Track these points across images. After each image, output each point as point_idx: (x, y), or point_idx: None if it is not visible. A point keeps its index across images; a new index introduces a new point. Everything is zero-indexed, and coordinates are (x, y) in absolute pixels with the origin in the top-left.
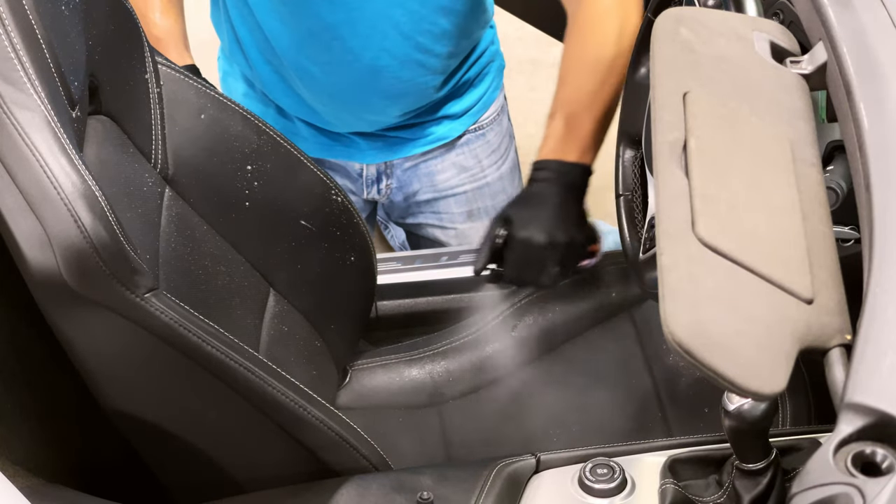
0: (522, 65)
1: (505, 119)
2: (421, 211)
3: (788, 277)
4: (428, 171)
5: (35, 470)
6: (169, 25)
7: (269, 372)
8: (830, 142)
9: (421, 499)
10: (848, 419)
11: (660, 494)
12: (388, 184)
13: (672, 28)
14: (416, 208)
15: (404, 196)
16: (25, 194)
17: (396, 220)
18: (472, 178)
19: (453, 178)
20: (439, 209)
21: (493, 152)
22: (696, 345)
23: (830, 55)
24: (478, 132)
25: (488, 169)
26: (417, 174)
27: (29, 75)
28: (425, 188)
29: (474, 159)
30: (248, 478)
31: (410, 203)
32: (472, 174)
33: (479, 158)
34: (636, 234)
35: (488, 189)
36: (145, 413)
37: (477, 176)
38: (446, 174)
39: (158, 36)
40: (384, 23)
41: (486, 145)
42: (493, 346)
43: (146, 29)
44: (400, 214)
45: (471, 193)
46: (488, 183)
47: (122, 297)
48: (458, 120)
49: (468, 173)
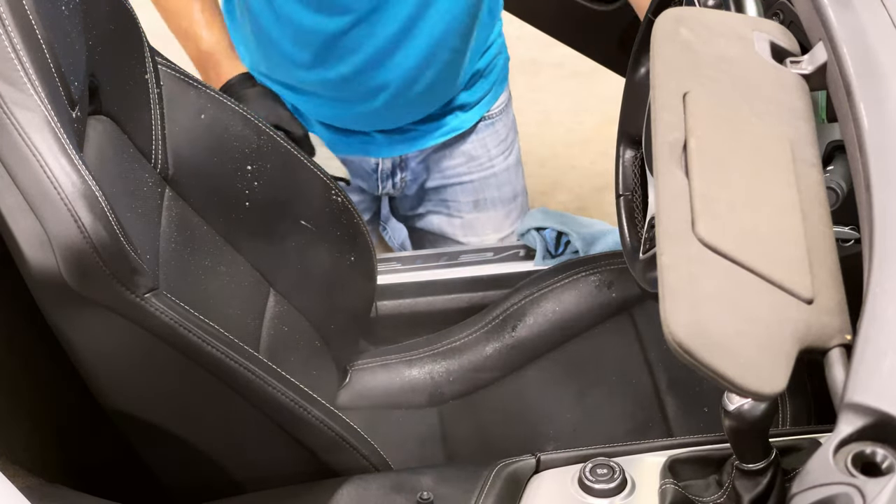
0: (522, 65)
1: (511, 111)
2: (429, 199)
3: (788, 277)
4: (438, 159)
5: (35, 470)
6: (216, 38)
7: (269, 372)
8: (830, 142)
9: (421, 499)
10: (848, 419)
11: (660, 494)
12: (403, 177)
13: (672, 28)
14: (424, 197)
15: (416, 188)
16: (25, 194)
17: (404, 214)
18: (479, 167)
19: (462, 167)
20: (447, 197)
21: (502, 142)
22: (696, 345)
23: (830, 55)
24: (487, 121)
25: (496, 159)
26: (428, 164)
27: (29, 75)
28: (434, 176)
29: (483, 148)
30: (248, 478)
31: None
32: (480, 163)
33: (489, 148)
34: (636, 234)
35: (495, 179)
36: (145, 413)
37: (485, 165)
38: (455, 161)
39: (209, 51)
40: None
41: (495, 135)
42: (493, 346)
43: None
44: (410, 206)
45: (478, 183)
46: (495, 173)
47: (122, 297)
48: (471, 111)
49: (476, 162)
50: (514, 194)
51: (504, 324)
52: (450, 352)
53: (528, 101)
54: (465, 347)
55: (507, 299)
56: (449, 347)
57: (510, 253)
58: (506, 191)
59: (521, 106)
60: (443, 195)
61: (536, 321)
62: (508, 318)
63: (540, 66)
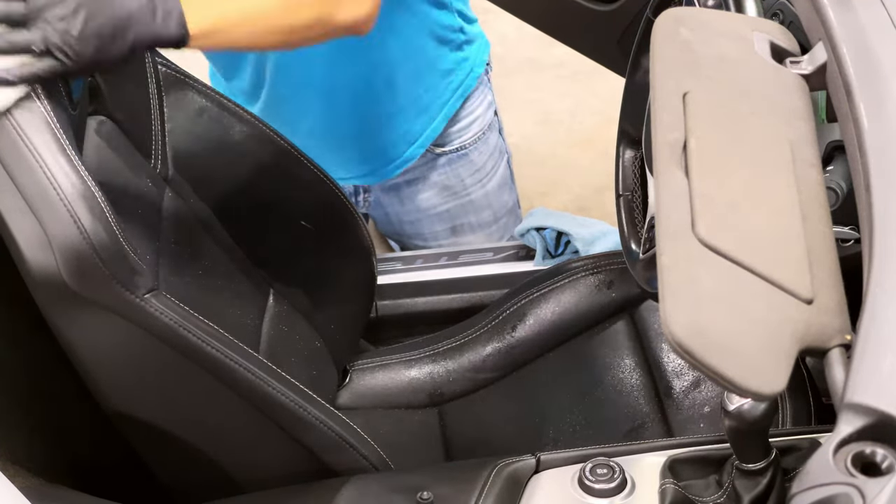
0: (522, 65)
1: (493, 137)
2: (404, 230)
3: (788, 277)
4: (410, 194)
5: (35, 470)
6: None
7: (269, 372)
8: (830, 142)
9: (421, 499)
10: (848, 419)
11: (660, 494)
12: (366, 197)
13: (672, 28)
14: (399, 227)
15: (385, 213)
16: (25, 195)
17: (381, 231)
18: (454, 196)
19: (435, 198)
20: (422, 228)
21: (477, 171)
22: (695, 345)
23: (830, 55)
24: (460, 152)
25: (472, 188)
26: (400, 196)
27: None
28: (408, 210)
29: (456, 178)
30: (248, 478)
31: (393, 222)
32: (454, 192)
33: (462, 178)
34: (636, 234)
35: (472, 206)
36: (145, 413)
37: (460, 194)
38: (427, 193)
39: None
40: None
41: (470, 165)
42: (493, 345)
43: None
44: (382, 227)
45: (454, 210)
46: (472, 200)
47: (122, 297)
48: (415, 143)
49: (450, 191)
50: (494, 218)
51: (504, 324)
52: (450, 352)
53: (528, 101)
54: (465, 347)
55: (506, 299)
56: (449, 347)
57: (510, 253)
58: (484, 215)
59: (521, 106)
60: (418, 227)
61: (536, 321)
62: (508, 318)
63: (540, 66)
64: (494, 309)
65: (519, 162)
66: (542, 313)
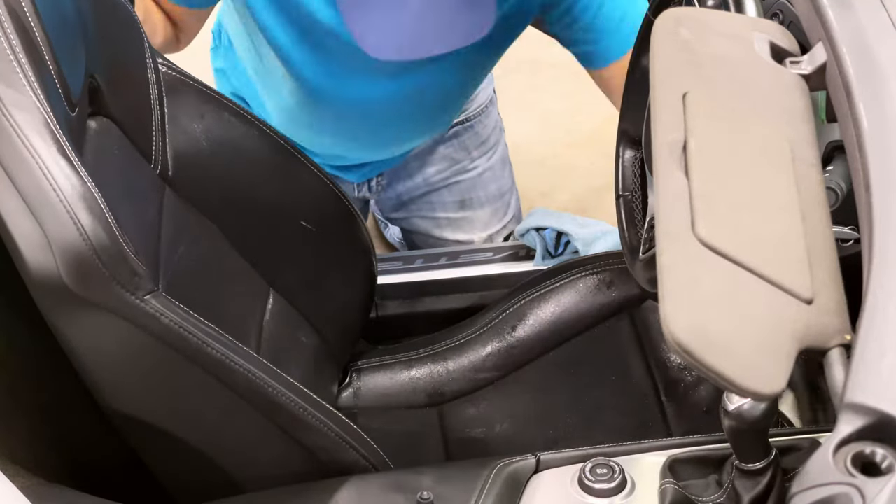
0: (522, 65)
1: (494, 112)
2: (414, 204)
3: (788, 277)
4: (420, 166)
5: (35, 470)
6: None
7: (268, 373)
8: (830, 142)
9: (421, 499)
10: (848, 419)
11: (660, 494)
12: (379, 180)
13: (672, 28)
14: (409, 202)
15: (397, 193)
16: (25, 196)
17: (388, 216)
18: (462, 169)
19: (445, 171)
20: (432, 199)
21: (482, 144)
22: (695, 345)
23: (830, 55)
24: (465, 124)
25: (478, 160)
26: (408, 170)
27: (28, 76)
28: (418, 184)
29: (464, 151)
30: (248, 478)
31: (404, 199)
32: (462, 165)
33: (469, 150)
34: (636, 234)
35: (480, 179)
36: (145, 414)
37: (467, 167)
38: (437, 167)
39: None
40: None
41: (475, 137)
42: (493, 345)
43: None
44: (393, 209)
45: (464, 184)
46: (480, 173)
47: (122, 298)
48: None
49: (459, 165)
50: (500, 192)
51: (504, 324)
52: (450, 352)
53: (528, 101)
54: (465, 347)
55: (506, 299)
56: (449, 347)
57: (510, 253)
58: (492, 189)
59: (521, 106)
60: (428, 199)
61: (536, 321)
62: (508, 318)
63: (540, 66)
64: (494, 309)
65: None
66: (541, 313)
